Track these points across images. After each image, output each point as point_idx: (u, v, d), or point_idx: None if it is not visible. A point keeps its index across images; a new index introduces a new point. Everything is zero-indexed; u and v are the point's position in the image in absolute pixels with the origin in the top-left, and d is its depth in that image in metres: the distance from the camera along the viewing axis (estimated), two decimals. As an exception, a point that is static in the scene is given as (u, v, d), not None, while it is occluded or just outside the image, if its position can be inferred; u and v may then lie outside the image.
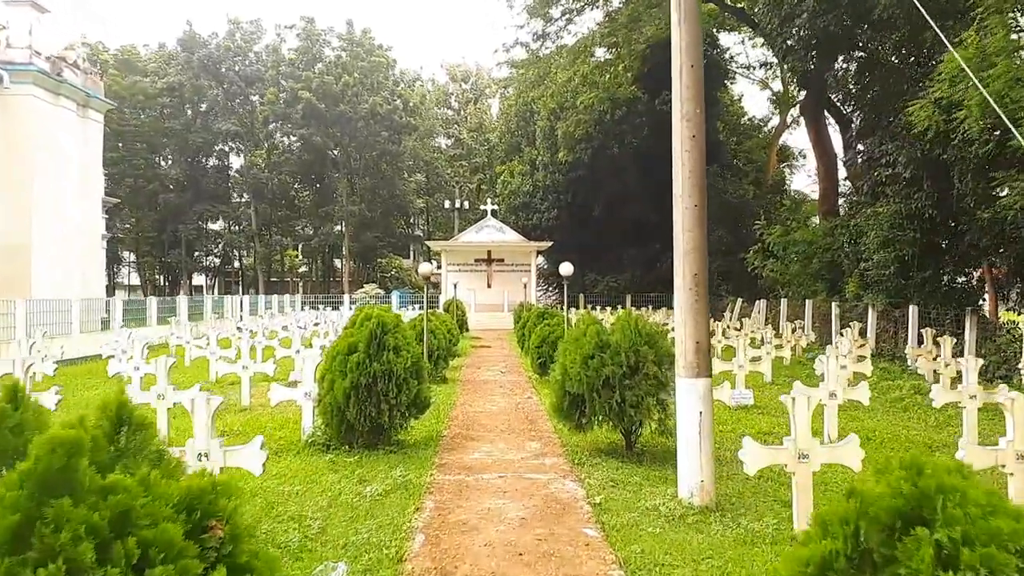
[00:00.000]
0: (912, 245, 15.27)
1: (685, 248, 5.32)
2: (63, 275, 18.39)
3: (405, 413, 6.75)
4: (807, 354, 16.14)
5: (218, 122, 42.63)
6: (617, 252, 36.07)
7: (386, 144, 42.65)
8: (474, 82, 66.41)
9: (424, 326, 9.70)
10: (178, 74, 41.50)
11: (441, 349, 11.39)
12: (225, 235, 49.31)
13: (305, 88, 39.01)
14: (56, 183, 18.45)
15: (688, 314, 5.30)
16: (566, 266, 8.71)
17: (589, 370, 6.47)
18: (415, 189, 51.33)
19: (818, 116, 21.94)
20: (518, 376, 12.37)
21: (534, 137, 37.71)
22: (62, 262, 18.54)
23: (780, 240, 23.13)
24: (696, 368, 5.29)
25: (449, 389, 10.57)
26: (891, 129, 15.05)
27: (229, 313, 25.31)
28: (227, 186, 48.46)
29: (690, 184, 5.32)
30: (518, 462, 6.39)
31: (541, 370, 11.32)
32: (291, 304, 34.48)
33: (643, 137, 34.13)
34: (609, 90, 31.67)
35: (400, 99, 42.69)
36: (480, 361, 15.38)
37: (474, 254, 33.51)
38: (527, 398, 9.88)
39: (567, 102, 31.14)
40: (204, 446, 4.38)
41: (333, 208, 46.04)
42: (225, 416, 8.75)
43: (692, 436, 5.27)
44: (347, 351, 6.72)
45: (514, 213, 36.57)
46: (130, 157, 39.16)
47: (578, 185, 34.40)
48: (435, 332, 11.22)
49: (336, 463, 6.26)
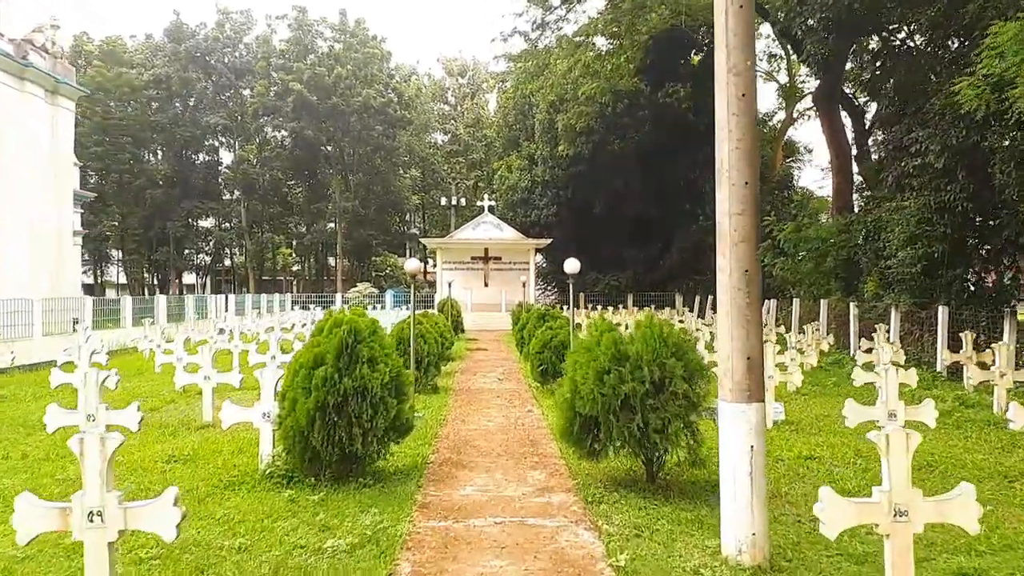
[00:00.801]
0: (941, 241, 14.18)
1: (733, 238, 4.19)
2: (29, 273, 17.21)
3: (382, 438, 5.62)
4: (826, 358, 15.05)
5: (207, 116, 41.40)
6: (618, 250, 34.96)
7: (380, 139, 41.45)
8: (471, 77, 65.21)
9: (411, 331, 8.56)
10: (165, 66, 40.25)
11: (432, 355, 10.26)
12: (215, 232, 48.07)
13: (296, 80, 37.79)
14: (21, 173, 17.25)
15: (737, 322, 4.17)
16: (572, 263, 7.59)
17: (605, 387, 5.35)
18: (410, 185, 50.16)
19: (832, 107, 20.85)
20: (517, 384, 11.25)
21: (533, 131, 36.57)
22: (28, 259, 17.34)
23: (792, 237, 22.05)
24: (747, 391, 4.17)
25: (440, 400, 9.44)
26: (920, 116, 13.95)
27: (213, 313, 24.14)
28: (217, 182, 47.24)
29: (738, 156, 4.19)
30: (519, 500, 5.26)
31: (542, 378, 10.21)
32: (280, 304, 33.31)
33: (645, 131, 33.02)
34: (611, 81, 30.55)
35: (395, 92, 41.47)
36: (476, 366, 14.25)
37: (470, 251, 32.38)
38: (527, 411, 8.76)
39: (567, 94, 29.99)
40: (97, 502, 3.24)
41: (326, 204, 44.87)
42: (181, 435, 7.61)
43: (740, 477, 4.14)
44: (312, 364, 5.59)
45: (512, 209, 35.43)
46: (115, 151, 37.89)
47: (578, 180, 33.28)
48: (425, 336, 10.10)
49: (296, 502, 5.13)
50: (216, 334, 15.39)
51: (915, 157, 13.87)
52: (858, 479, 5.86)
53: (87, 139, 35.78)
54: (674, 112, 31.82)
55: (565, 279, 38.08)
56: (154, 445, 7.05)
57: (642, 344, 5.50)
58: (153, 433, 7.68)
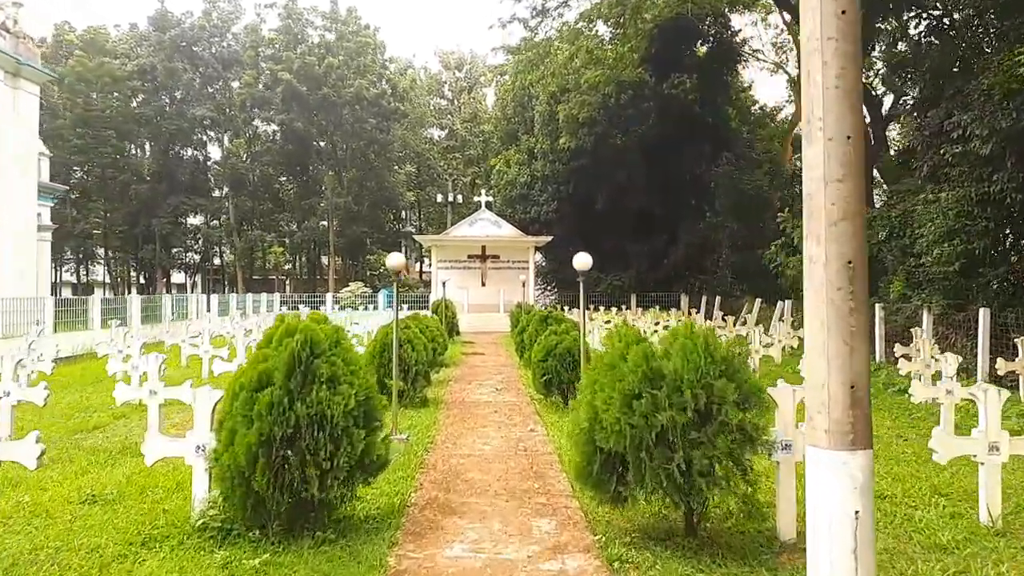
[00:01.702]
0: (982, 236, 13.02)
1: (830, 215, 2.96)
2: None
3: (347, 480, 4.40)
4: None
5: (194, 108, 40.09)
6: (621, 248, 33.76)
7: (374, 132, 40.19)
8: (468, 70, 63.98)
9: (395, 336, 7.34)
10: (150, 56, 38.93)
11: (421, 363, 9.03)
12: (203, 230, 46.78)
13: (285, 70, 36.52)
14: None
15: (837, 334, 2.95)
16: (582, 257, 6.40)
17: (634, 416, 4.15)
18: (405, 181, 48.90)
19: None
20: (517, 395, 10.04)
21: (532, 124, 35.36)
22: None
23: (808, 233, 20.80)
24: (850, 433, 2.95)
25: (429, 416, 8.23)
26: (961, 98, 12.76)
27: (194, 314, 22.89)
28: (205, 177, 45.94)
29: (837, 97, 2.96)
30: (523, 566, 4.04)
31: (546, 390, 9.00)
32: (268, 304, 32.06)
33: (649, 124, 31.85)
34: (615, 70, 29.37)
35: (388, 83, 40.21)
36: (471, 373, 13.03)
37: (467, 250, 31.15)
38: (530, 431, 7.55)
39: (569, 83, 28.80)
40: None
41: (318, 201, 43.60)
42: (113, 465, 6.37)
43: (839, 556, 2.92)
44: (256, 385, 4.37)
45: (510, 206, 34.22)
46: (97, 144, 36.56)
47: (580, 175, 32.09)
48: (413, 342, 8.89)
49: (230, 568, 3.91)
50: (188, 337, 14.14)
51: (956, 144, 12.69)
52: (951, 529, 4.64)
53: (68, 131, 34.58)
54: (680, 104, 30.65)
55: (566, 278, 36.54)
56: (76, 479, 5.82)
57: (681, 360, 4.29)
58: (80, 461, 6.45)
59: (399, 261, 6.26)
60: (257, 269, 54.21)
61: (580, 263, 6.55)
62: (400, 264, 6.25)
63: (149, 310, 20.75)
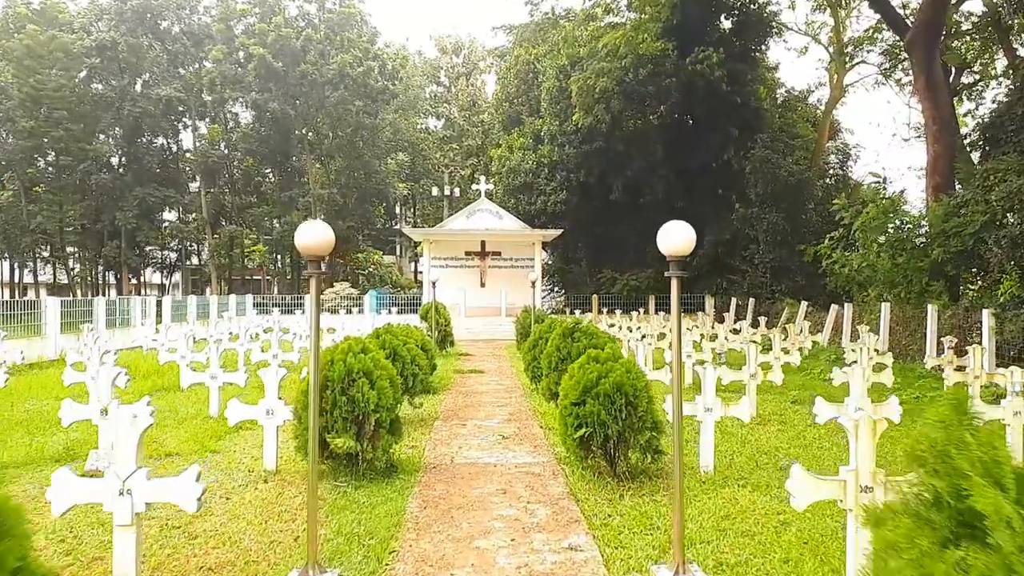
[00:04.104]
0: None
1: None
2: None
3: None
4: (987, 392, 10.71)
5: (160, 89, 36.93)
6: (639, 244, 30.64)
7: (361, 116, 37.07)
8: (466, 55, 60.96)
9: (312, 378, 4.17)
10: (110, 30, 35.79)
11: (386, 408, 5.88)
12: (171, 225, 43.65)
13: (259, 44, 33.38)
14: None
15: None
16: (678, 231, 3.22)
17: None
18: (396, 171, 45.73)
19: (931, 54, 16.59)
20: (535, 451, 6.89)
21: (538, 104, 32.29)
22: None
23: (875, 224, 17.71)
24: None
25: (392, 506, 5.01)
26: None
27: (138, 320, 19.74)
28: (176, 167, 42.79)
29: None
30: None
31: (583, 450, 5.84)
32: (239, 307, 28.92)
33: (671, 103, 28.83)
34: (633, 41, 26.22)
35: (375, 60, 37.04)
36: (466, 404, 9.88)
37: (464, 245, 28.05)
38: (568, 548, 4.34)
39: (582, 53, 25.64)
40: None
41: (300, 193, 40.43)
42: None
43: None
44: None
45: (513, 196, 31.09)
46: (49, 128, 33.42)
47: (592, 160, 29.02)
48: (374, 375, 5.77)
49: None
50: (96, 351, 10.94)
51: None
52: None
53: (14, 112, 31.49)
54: (705, 81, 27.58)
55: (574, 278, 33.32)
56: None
57: None
58: None
59: (317, 237, 3.08)
60: (241, 269, 51.10)
61: (675, 240, 3.40)
62: (318, 244, 3.10)
63: (78, 315, 17.56)
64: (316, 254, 3.52)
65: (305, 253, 3.52)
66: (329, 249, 3.55)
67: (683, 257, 3.62)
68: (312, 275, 3.56)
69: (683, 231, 3.57)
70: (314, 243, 3.51)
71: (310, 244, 3.51)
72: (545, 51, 28.74)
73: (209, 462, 6.44)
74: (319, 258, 3.54)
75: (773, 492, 5.51)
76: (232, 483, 5.71)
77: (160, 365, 11.34)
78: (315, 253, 3.51)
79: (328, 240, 3.53)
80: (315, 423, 3.78)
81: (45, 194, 37.33)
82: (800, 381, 11.72)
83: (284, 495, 5.44)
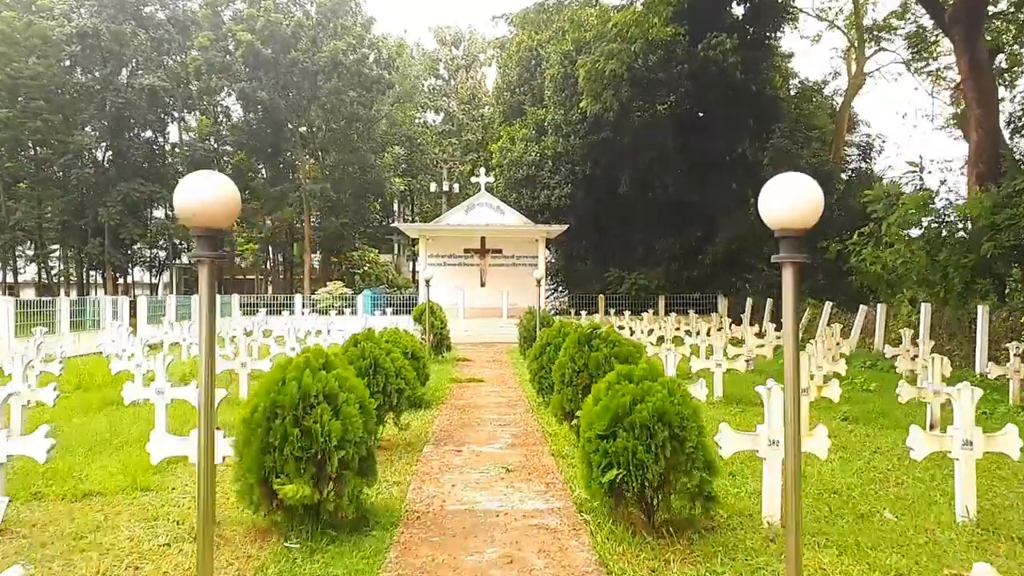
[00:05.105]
0: None
1: None
2: None
3: None
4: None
5: (145, 79, 35.54)
6: (648, 241, 29.37)
7: (355, 107, 35.67)
8: (466, 47, 59.64)
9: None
10: (92, 16, 34.41)
11: (356, 440, 4.58)
12: (159, 221, 42.33)
13: (247, 29, 32.02)
14: None
15: None
16: (798, 186, 1.91)
17: None
18: (393, 165, 44.38)
19: (975, 33, 15.26)
20: (546, 492, 5.56)
21: (541, 93, 30.95)
22: None
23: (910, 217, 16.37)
24: None
25: None
26: None
27: (109, 322, 18.42)
28: (162, 161, 41.43)
29: None
30: None
31: (613, 495, 4.49)
32: (223, 307, 27.61)
33: (683, 91, 27.49)
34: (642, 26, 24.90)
35: (370, 48, 35.65)
36: (462, 423, 8.57)
37: (463, 241, 26.74)
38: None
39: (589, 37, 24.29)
40: None
41: (291, 187, 39.07)
42: None
43: None
44: None
45: (514, 190, 29.77)
46: (26, 119, 32.06)
47: (599, 152, 27.69)
48: (338, 401, 4.45)
49: None
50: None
51: None
52: None
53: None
54: (718, 68, 26.29)
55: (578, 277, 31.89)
56: None
57: None
58: None
59: (208, 196, 1.68)
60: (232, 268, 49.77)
61: (789, 201, 2.05)
62: (210, 206, 1.69)
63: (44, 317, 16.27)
64: (207, 224, 2.19)
65: (191, 222, 2.20)
66: (231, 215, 2.24)
67: (802, 230, 2.30)
68: (203, 259, 2.23)
69: (802, 188, 2.25)
70: (203, 205, 2.18)
71: (195, 206, 2.18)
72: (549, 36, 27.43)
73: (135, 506, 5.11)
74: (213, 231, 2.21)
75: (867, 555, 4.19)
76: (152, 541, 4.39)
77: (113, 375, 10.03)
78: (206, 223, 2.19)
79: (227, 200, 2.21)
80: (207, 473, 2.46)
81: (24, 189, 35.99)
82: (845, 394, 10.41)
83: (218, 561, 4.12)
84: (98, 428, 7.67)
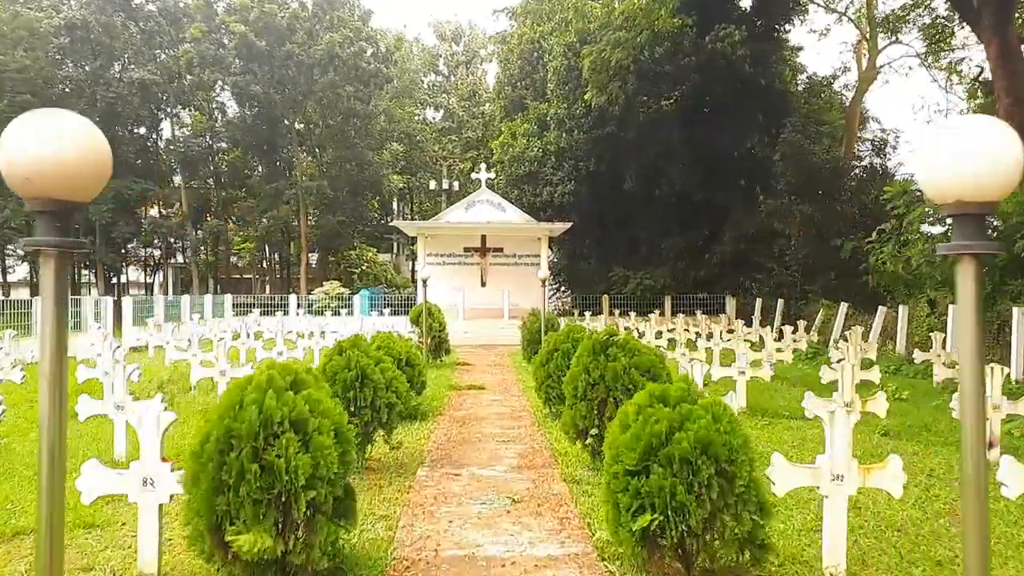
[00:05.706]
0: None
1: None
2: None
3: None
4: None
5: (136, 73, 34.71)
6: (653, 239, 28.56)
7: (352, 102, 34.84)
8: (466, 43, 58.78)
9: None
10: (81, 8, 33.59)
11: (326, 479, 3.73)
12: (153, 220, 41.54)
13: (240, 21, 31.18)
14: None
15: None
16: (984, 135, 1.25)
17: None
18: (391, 162, 43.54)
19: (1007, 14, 14.42)
20: (558, 520, 4.78)
21: (543, 87, 30.13)
22: None
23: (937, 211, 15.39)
24: None
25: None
26: None
27: (91, 324, 17.60)
28: (155, 158, 40.60)
29: None
30: None
31: (646, 546, 3.63)
32: (217, 308, 26.80)
33: (690, 84, 26.65)
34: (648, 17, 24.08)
35: (368, 41, 34.81)
36: (460, 439, 7.78)
37: (463, 240, 25.92)
38: None
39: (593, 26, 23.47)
40: None
41: (287, 184, 38.24)
42: None
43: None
44: None
45: (516, 187, 28.94)
46: (13, 113, 31.19)
47: (604, 147, 26.88)
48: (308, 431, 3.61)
49: None
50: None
51: None
52: None
53: (-26, 95, 29.45)
54: (726, 61, 25.47)
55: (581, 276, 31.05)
56: None
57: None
58: None
59: (20, 153, 0.82)
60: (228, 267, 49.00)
61: (978, 153, 1.30)
62: (17, 165, 0.81)
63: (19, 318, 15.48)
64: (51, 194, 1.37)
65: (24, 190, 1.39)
66: (95, 179, 1.44)
67: (988, 204, 1.49)
68: (46, 249, 1.42)
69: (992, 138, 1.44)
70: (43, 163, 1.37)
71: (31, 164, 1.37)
72: (552, 27, 26.63)
73: (71, 548, 4.30)
74: (63, 204, 1.39)
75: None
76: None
77: (79, 384, 9.20)
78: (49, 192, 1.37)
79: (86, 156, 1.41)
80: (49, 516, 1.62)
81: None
82: (879, 404, 9.57)
83: (156, 629, 3.32)
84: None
